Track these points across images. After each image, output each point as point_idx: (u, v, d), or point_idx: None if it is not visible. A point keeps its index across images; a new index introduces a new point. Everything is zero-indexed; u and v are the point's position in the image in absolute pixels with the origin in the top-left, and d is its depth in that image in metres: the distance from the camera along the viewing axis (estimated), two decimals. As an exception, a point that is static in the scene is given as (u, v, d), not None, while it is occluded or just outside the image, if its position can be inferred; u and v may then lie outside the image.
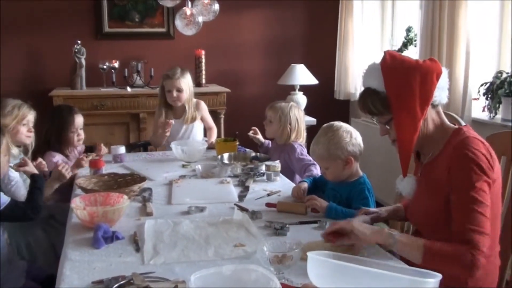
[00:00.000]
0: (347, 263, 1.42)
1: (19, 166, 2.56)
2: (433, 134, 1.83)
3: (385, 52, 1.83)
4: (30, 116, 2.84)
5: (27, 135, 2.83)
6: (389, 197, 4.20)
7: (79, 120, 3.20)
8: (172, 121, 3.46)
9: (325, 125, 2.38)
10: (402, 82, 1.75)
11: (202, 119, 3.71)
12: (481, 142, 1.74)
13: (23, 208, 2.29)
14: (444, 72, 1.80)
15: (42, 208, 2.36)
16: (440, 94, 1.79)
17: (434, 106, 1.81)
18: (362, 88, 1.90)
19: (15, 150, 2.72)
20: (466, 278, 1.73)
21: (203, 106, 3.73)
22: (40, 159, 2.88)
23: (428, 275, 1.37)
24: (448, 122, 1.86)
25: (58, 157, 3.06)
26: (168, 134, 3.45)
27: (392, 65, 1.78)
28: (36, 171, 2.57)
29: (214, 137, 3.69)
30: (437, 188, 1.77)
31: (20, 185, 2.60)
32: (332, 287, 1.42)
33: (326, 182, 2.45)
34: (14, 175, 2.62)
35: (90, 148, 3.44)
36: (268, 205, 2.31)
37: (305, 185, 2.46)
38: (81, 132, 3.21)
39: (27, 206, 2.31)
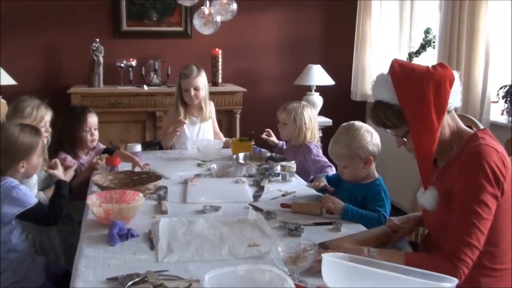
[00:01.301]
0: (362, 266, 1.41)
1: (49, 168, 2.57)
2: (449, 140, 1.79)
3: (392, 61, 1.77)
4: (48, 117, 2.83)
5: (44, 135, 2.83)
6: (404, 199, 4.17)
7: (92, 119, 3.15)
8: (185, 121, 3.46)
9: (344, 124, 2.37)
10: (416, 93, 1.69)
11: (212, 120, 3.72)
12: (494, 150, 1.69)
13: (47, 212, 2.30)
14: (456, 75, 1.75)
15: (63, 215, 2.37)
16: (454, 99, 1.75)
17: (449, 112, 1.77)
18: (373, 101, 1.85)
19: None
20: (479, 283, 1.72)
21: (213, 106, 3.73)
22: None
23: (444, 280, 1.35)
24: (464, 127, 1.83)
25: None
26: (178, 133, 3.44)
27: (403, 76, 1.72)
28: (63, 177, 2.56)
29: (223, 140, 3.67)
30: (449, 194, 1.75)
31: (33, 183, 2.61)
32: (347, 289, 1.41)
33: (340, 182, 2.44)
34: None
35: (108, 150, 3.44)
36: (283, 205, 2.30)
37: (325, 181, 2.46)
38: (95, 132, 3.17)
39: (51, 210, 2.32)
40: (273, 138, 3.46)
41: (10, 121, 2.65)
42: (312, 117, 3.15)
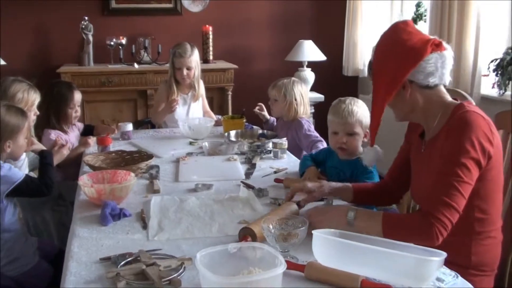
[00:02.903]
0: (352, 242, 1.42)
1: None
2: (431, 112, 1.80)
3: (394, 23, 1.83)
4: (37, 101, 2.81)
5: (33, 118, 2.82)
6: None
7: (78, 96, 3.20)
8: (178, 98, 3.46)
9: (343, 98, 2.37)
10: (384, 52, 1.77)
11: (201, 99, 3.71)
12: (481, 116, 1.71)
13: (37, 183, 2.30)
14: (450, 54, 1.75)
15: (54, 183, 2.36)
16: (428, 76, 1.73)
17: (431, 87, 1.76)
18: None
19: None
20: (470, 253, 1.75)
21: (203, 85, 3.72)
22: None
23: (433, 254, 1.37)
24: (451, 99, 1.83)
25: (54, 135, 3.04)
26: (174, 110, 3.45)
27: (388, 34, 1.79)
28: (44, 147, 2.57)
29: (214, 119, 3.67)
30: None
31: (25, 164, 2.62)
32: (337, 264, 1.43)
33: (325, 159, 2.45)
34: (22, 156, 2.64)
35: (88, 127, 3.47)
36: (277, 180, 2.32)
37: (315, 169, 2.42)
38: (79, 109, 3.23)
39: (41, 181, 2.32)
40: (265, 113, 3.47)
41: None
42: (303, 92, 3.16)
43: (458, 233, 1.77)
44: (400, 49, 1.73)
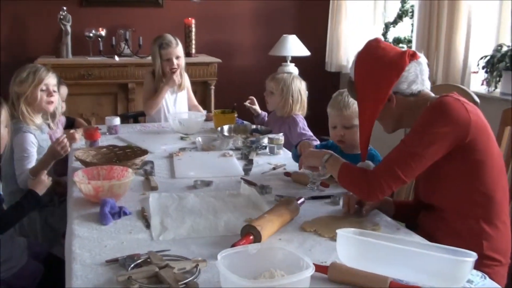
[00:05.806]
0: (379, 241, 1.36)
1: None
2: (417, 116, 1.81)
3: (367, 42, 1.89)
4: (49, 79, 2.68)
5: (47, 100, 2.67)
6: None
7: (64, 91, 3.13)
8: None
9: (344, 89, 2.32)
10: (365, 71, 1.83)
11: (187, 91, 3.62)
12: (457, 99, 1.73)
13: None
14: (421, 62, 1.80)
15: (9, 228, 2.14)
16: (411, 84, 1.79)
17: (415, 95, 1.81)
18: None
19: (38, 119, 2.61)
20: (481, 238, 1.74)
21: (187, 78, 3.64)
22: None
23: (464, 254, 1.31)
24: (435, 96, 1.84)
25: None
26: (179, 80, 3.39)
27: (364, 53, 1.86)
28: (39, 191, 2.19)
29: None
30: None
31: (32, 160, 2.52)
32: (362, 265, 1.37)
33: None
34: (33, 151, 2.56)
35: (69, 119, 3.38)
36: (287, 174, 2.32)
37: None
38: (64, 104, 3.13)
39: (2, 217, 2.12)
40: (256, 107, 3.39)
41: (12, 88, 2.61)
42: (301, 89, 3.11)
43: (464, 217, 1.77)
44: (380, 65, 1.80)
